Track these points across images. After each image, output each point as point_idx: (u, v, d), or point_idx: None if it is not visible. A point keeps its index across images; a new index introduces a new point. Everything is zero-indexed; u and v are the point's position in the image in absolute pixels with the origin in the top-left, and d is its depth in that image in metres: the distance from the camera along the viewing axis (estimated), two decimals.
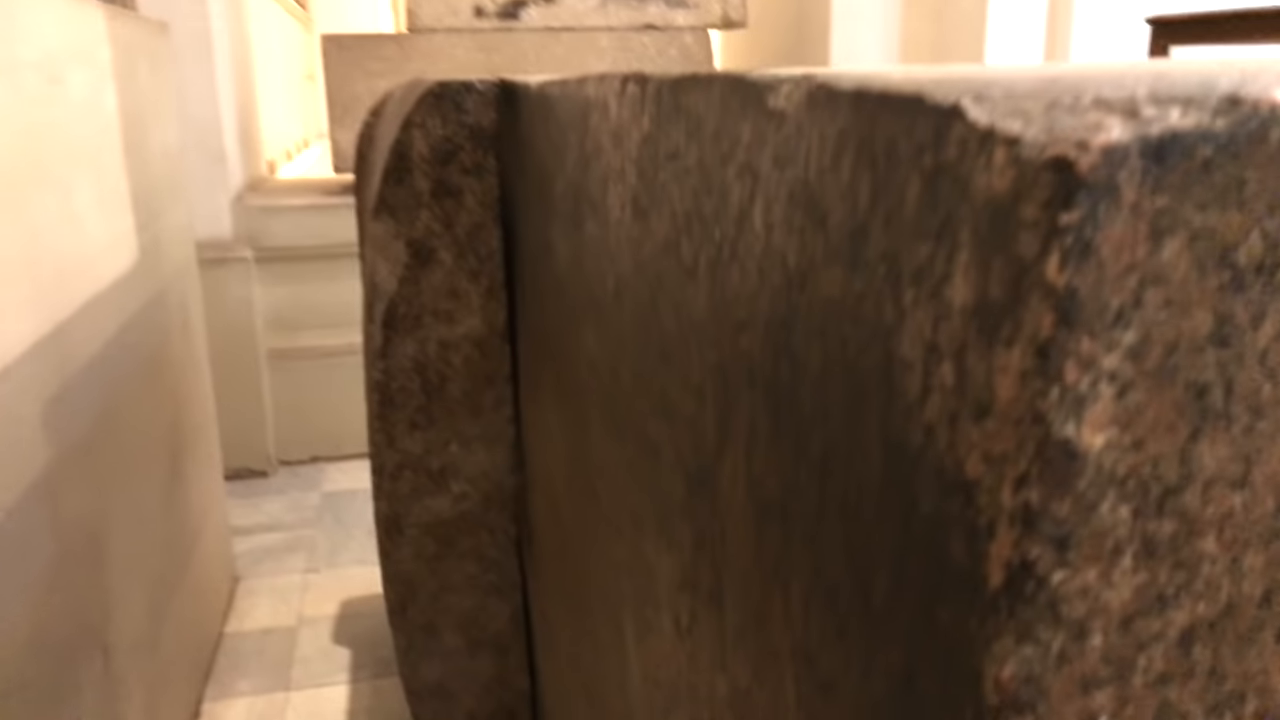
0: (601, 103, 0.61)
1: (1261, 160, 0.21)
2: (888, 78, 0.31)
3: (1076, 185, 0.20)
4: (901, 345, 0.27)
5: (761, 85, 0.37)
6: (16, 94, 1.03)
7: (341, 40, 2.39)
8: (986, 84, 0.27)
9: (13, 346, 0.96)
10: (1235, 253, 0.22)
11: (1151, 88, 0.23)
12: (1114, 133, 0.21)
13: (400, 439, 1.08)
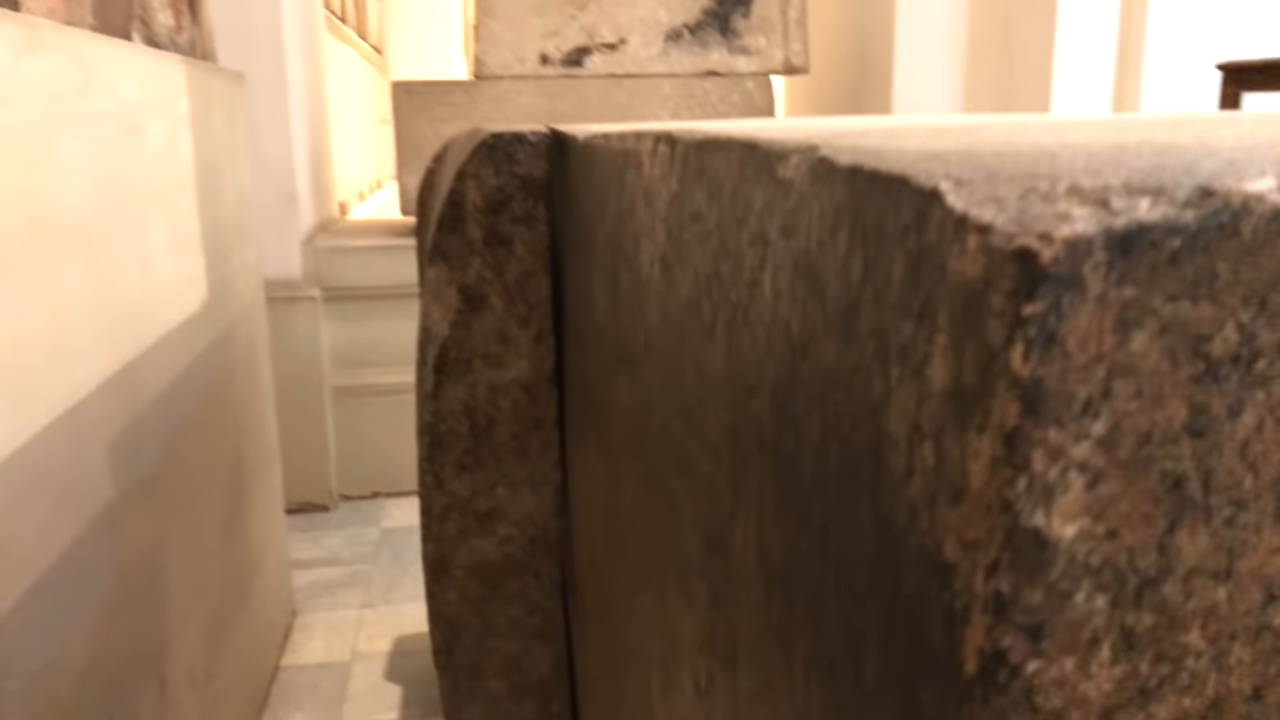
0: (636, 159, 0.62)
1: (1233, 253, 0.21)
2: (883, 152, 0.31)
3: (1040, 277, 0.21)
4: (889, 422, 0.27)
5: (773, 154, 0.38)
6: (96, 144, 1.08)
7: (411, 87, 2.46)
8: (974, 164, 0.27)
9: (83, 384, 1.00)
10: (1209, 344, 0.21)
11: (1128, 176, 0.23)
12: (1078, 225, 0.21)
13: (448, 481, 1.09)
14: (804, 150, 0.36)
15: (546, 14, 2.56)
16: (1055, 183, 0.23)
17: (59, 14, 1.30)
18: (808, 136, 0.44)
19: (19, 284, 0.88)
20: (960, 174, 0.26)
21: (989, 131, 0.44)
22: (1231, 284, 0.21)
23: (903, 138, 0.42)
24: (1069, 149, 0.30)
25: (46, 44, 0.97)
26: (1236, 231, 0.21)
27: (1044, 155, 0.28)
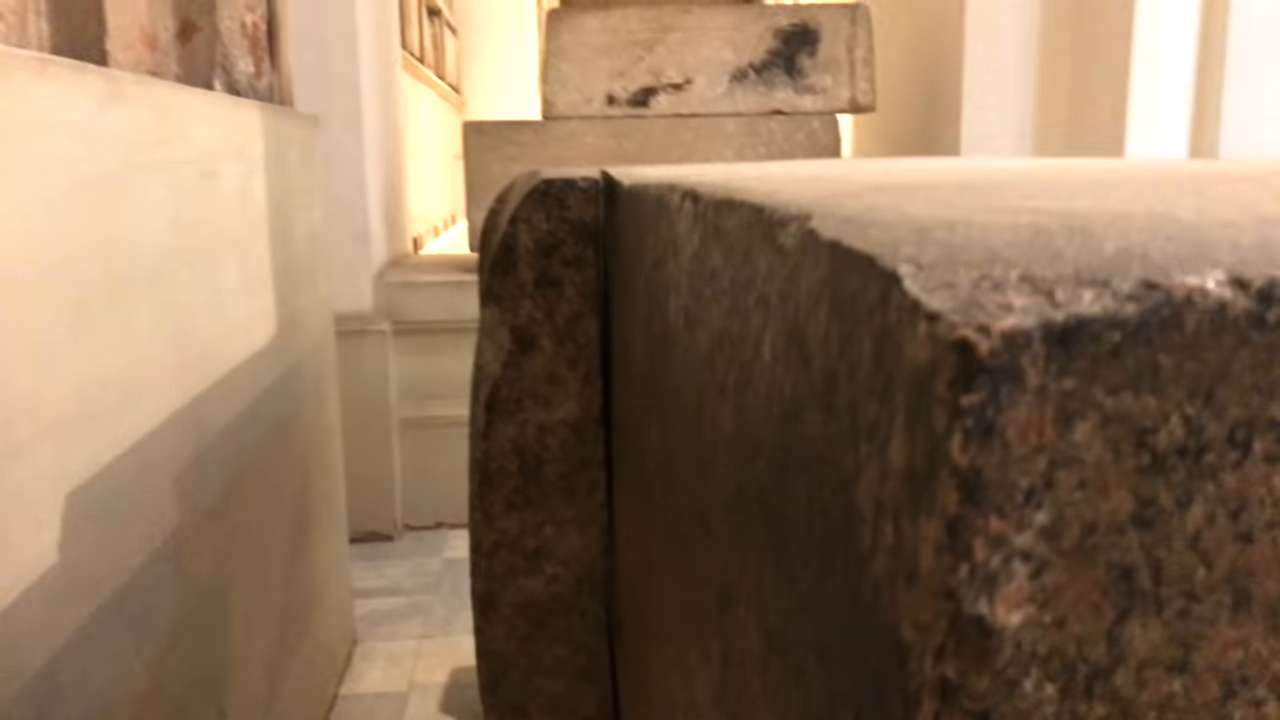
0: (668, 211, 0.63)
1: (1176, 346, 0.21)
2: (870, 224, 0.32)
3: (977, 368, 0.21)
4: (859, 497, 0.27)
5: (775, 220, 0.39)
6: (172, 189, 1.13)
7: (481, 126, 2.52)
8: (947, 242, 0.28)
9: (151, 419, 1.04)
10: (1154, 436, 0.21)
11: (1080, 266, 0.23)
12: (1017, 318, 0.21)
13: (498, 518, 1.11)
14: (800, 219, 0.36)
15: (614, 55, 2.61)
16: (1010, 269, 0.24)
17: (146, 63, 1.37)
18: (816, 198, 0.45)
19: (95, 325, 0.93)
20: (926, 256, 0.26)
21: (1000, 195, 0.44)
22: (1175, 377, 0.21)
23: (914, 202, 0.43)
24: (1043, 230, 0.30)
25: (127, 95, 1.02)
26: (1179, 325, 0.21)
27: (1018, 235, 0.29)
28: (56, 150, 0.87)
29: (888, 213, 0.37)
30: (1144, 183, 0.52)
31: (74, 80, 0.92)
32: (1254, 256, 0.24)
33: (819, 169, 0.90)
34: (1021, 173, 0.71)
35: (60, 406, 0.86)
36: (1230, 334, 0.21)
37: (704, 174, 0.93)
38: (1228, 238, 0.27)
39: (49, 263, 0.85)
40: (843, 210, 0.38)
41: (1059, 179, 0.57)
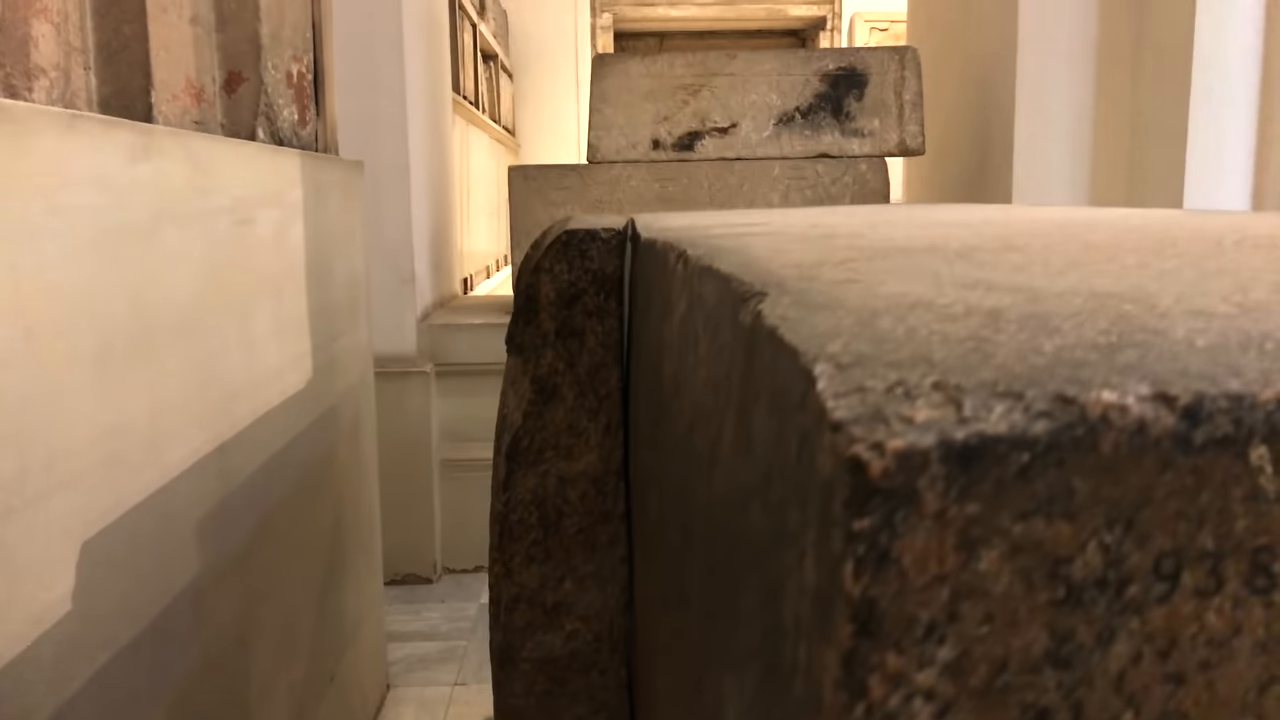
0: (667, 271, 0.62)
1: (1092, 468, 0.19)
2: (816, 313, 0.30)
3: (870, 490, 0.19)
4: (784, 608, 0.26)
5: (739, 295, 0.37)
6: (205, 237, 1.15)
7: (526, 171, 2.55)
8: (878, 336, 0.26)
9: (174, 466, 1.05)
10: (1069, 566, 0.19)
11: (1000, 372, 0.21)
12: (914, 435, 0.19)
13: (517, 571, 1.10)
14: (759, 296, 0.35)
15: (659, 100, 2.62)
16: (929, 374, 0.22)
17: (191, 113, 1.40)
18: (794, 266, 0.43)
19: (119, 374, 0.94)
20: (852, 351, 0.25)
21: (992, 266, 0.42)
22: (1092, 502, 0.19)
23: (892, 274, 0.41)
24: (996, 319, 0.28)
25: (159, 148, 1.04)
26: (1095, 446, 0.19)
27: (967, 323, 0.27)
28: (84, 203, 0.89)
29: (853, 290, 0.36)
30: (1154, 249, 0.50)
31: (105, 134, 0.94)
32: (1202, 362, 0.22)
33: (835, 223, 0.88)
34: (1040, 229, 0.69)
35: (80, 456, 0.87)
36: (1152, 456, 0.19)
37: (719, 224, 0.92)
38: (1188, 333, 0.25)
39: (72, 313, 0.86)
40: (808, 285, 0.37)
41: (1068, 242, 0.55)
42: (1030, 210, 1.17)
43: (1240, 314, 0.28)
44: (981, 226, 0.77)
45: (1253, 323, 0.26)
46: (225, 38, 1.51)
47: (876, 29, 6.68)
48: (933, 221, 0.91)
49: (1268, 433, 0.19)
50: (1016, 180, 2.68)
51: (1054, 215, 1.00)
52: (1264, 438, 0.19)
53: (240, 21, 1.53)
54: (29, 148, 0.81)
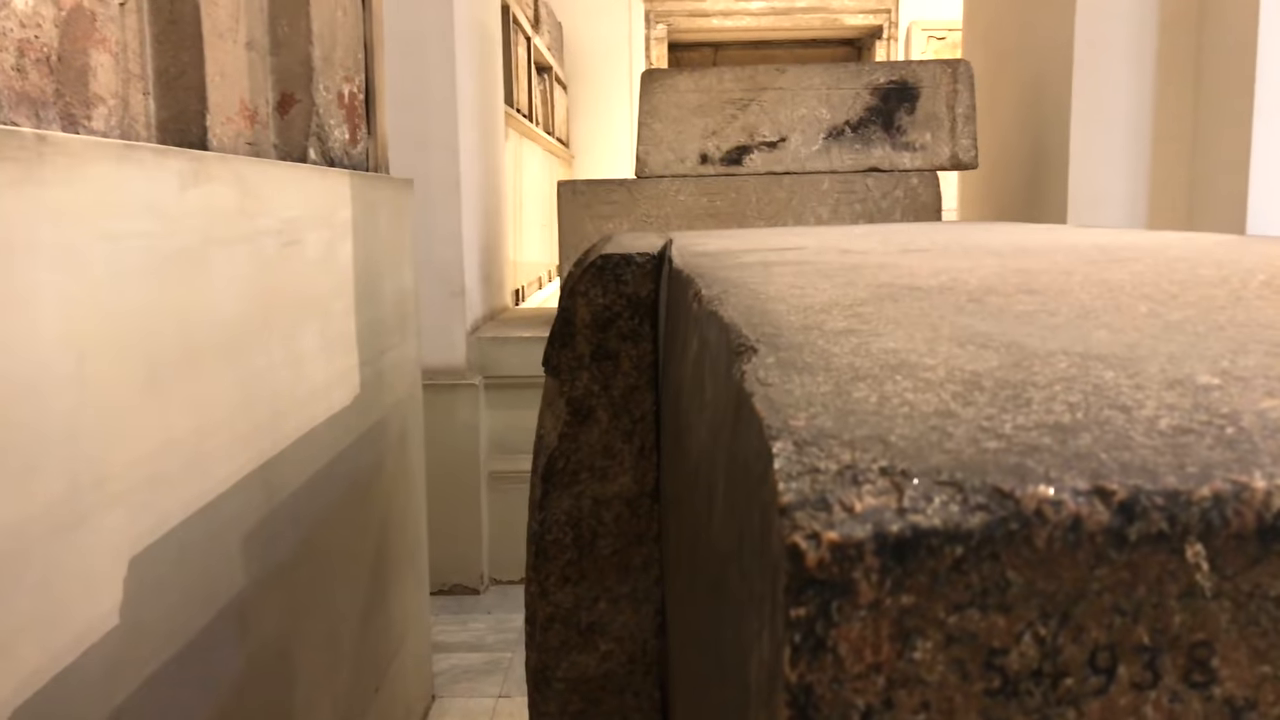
0: (686, 306, 0.62)
1: (1026, 561, 0.19)
2: (797, 375, 0.31)
3: (806, 580, 0.20)
4: (750, 671, 0.26)
5: (733, 348, 0.37)
6: (253, 259, 1.18)
7: (575, 186, 2.57)
8: (847, 407, 0.26)
9: (220, 483, 1.08)
10: (1005, 657, 0.20)
11: (948, 459, 0.22)
12: (851, 526, 0.20)
13: (552, 591, 1.11)
14: (749, 351, 0.35)
15: (708, 114, 2.62)
16: (881, 456, 0.22)
17: (245, 135, 1.44)
18: (799, 311, 0.44)
19: (167, 394, 0.97)
20: (816, 425, 0.25)
21: (1002, 313, 0.42)
22: (1026, 595, 0.20)
23: (895, 323, 0.41)
24: (972, 387, 0.28)
25: (210, 173, 1.08)
26: (1029, 540, 0.19)
27: (942, 392, 0.27)
28: (136, 229, 0.92)
29: (847, 344, 0.36)
30: (1171, 294, 0.49)
31: (157, 163, 0.97)
32: (1153, 450, 0.22)
33: (868, 248, 0.88)
34: (1067, 265, 0.68)
35: (128, 474, 0.90)
36: (1087, 551, 0.19)
37: (753, 248, 0.93)
38: (1156, 411, 0.25)
39: (123, 335, 0.90)
40: (803, 339, 0.37)
41: (1088, 285, 0.55)
42: (1074, 234, 1.15)
43: (1220, 386, 0.28)
44: (1012, 257, 0.76)
45: (1226, 399, 0.26)
46: (279, 61, 1.55)
47: (934, 37, 6.61)
48: (966, 248, 0.90)
49: (1203, 530, 0.19)
50: (1071, 196, 2.64)
51: (1095, 241, 0.98)
52: (1199, 535, 0.19)
53: (293, 45, 1.56)
54: (83, 178, 0.84)
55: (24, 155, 0.76)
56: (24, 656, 0.76)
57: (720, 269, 0.75)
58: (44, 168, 0.79)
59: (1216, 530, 0.19)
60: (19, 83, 0.87)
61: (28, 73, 0.88)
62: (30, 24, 0.89)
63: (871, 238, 1.17)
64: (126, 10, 1.16)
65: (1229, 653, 0.19)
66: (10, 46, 0.86)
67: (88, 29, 1.04)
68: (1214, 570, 0.19)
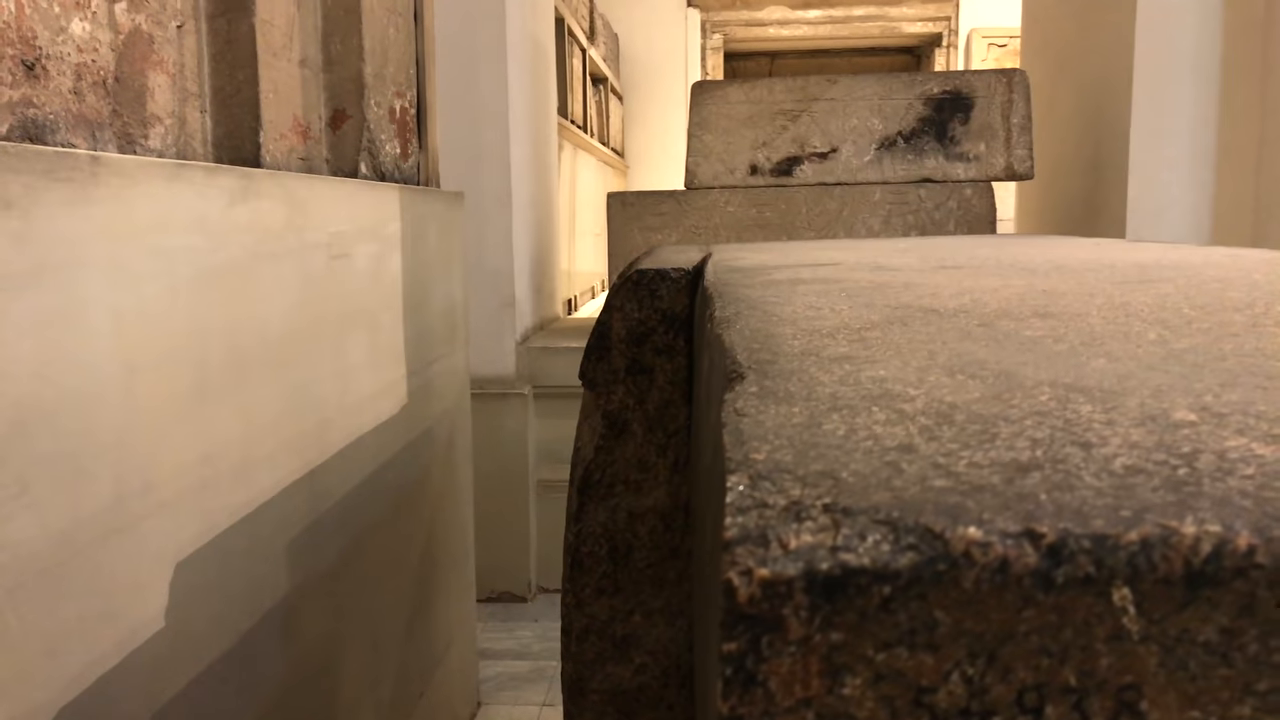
0: (704, 323, 0.63)
1: (954, 602, 0.20)
2: (776, 405, 0.31)
3: (738, 615, 0.20)
4: (710, 699, 0.27)
5: (725, 375, 0.38)
6: (300, 272, 1.21)
7: (624, 197, 2.58)
8: (813, 441, 0.27)
9: (266, 490, 1.11)
10: (933, 695, 0.20)
11: (894, 497, 0.22)
12: (783, 564, 0.20)
13: (588, 603, 1.12)
14: (739, 376, 0.36)
15: (758, 125, 2.62)
16: (825, 494, 0.23)
17: (298, 151, 1.48)
18: (798, 335, 0.44)
19: (214, 404, 1.00)
20: (774, 460, 0.25)
21: (1008, 341, 0.42)
22: (954, 635, 0.20)
23: (895, 349, 0.41)
24: (944, 420, 0.28)
25: (259, 190, 1.11)
26: (956, 581, 0.20)
27: (910, 425, 0.27)
28: (185, 245, 0.95)
29: (836, 373, 0.36)
30: (1187, 321, 0.49)
31: (207, 181, 1.00)
32: (1096, 492, 0.22)
33: (900, 266, 0.87)
34: (1093, 287, 0.67)
35: (175, 482, 0.93)
36: (1014, 592, 0.20)
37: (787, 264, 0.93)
38: (1116, 450, 0.25)
39: (172, 347, 0.93)
40: (796, 366, 0.37)
41: (1107, 309, 0.54)
42: (1119, 250, 1.13)
43: (1192, 423, 0.28)
44: (1043, 277, 0.75)
45: (1193, 436, 0.26)
46: (331, 78, 1.59)
47: (995, 45, 6.52)
48: (1002, 266, 0.90)
49: (1130, 574, 0.19)
50: (1131, 208, 2.58)
51: (1137, 258, 0.97)
52: (1126, 579, 0.19)
53: (345, 62, 1.60)
54: (135, 196, 0.87)
55: (78, 176, 0.79)
56: (72, 658, 0.79)
57: (745, 286, 0.75)
58: (97, 187, 0.82)
59: (1144, 575, 0.19)
60: (76, 105, 0.91)
61: (84, 95, 0.92)
62: (87, 49, 0.93)
63: (911, 253, 1.16)
64: (185, 31, 1.20)
65: (1158, 696, 0.19)
66: (68, 71, 0.89)
67: (145, 51, 1.08)
68: (1141, 614, 0.19)
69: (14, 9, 0.82)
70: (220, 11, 1.28)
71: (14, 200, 0.72)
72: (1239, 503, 0.21)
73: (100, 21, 0.95)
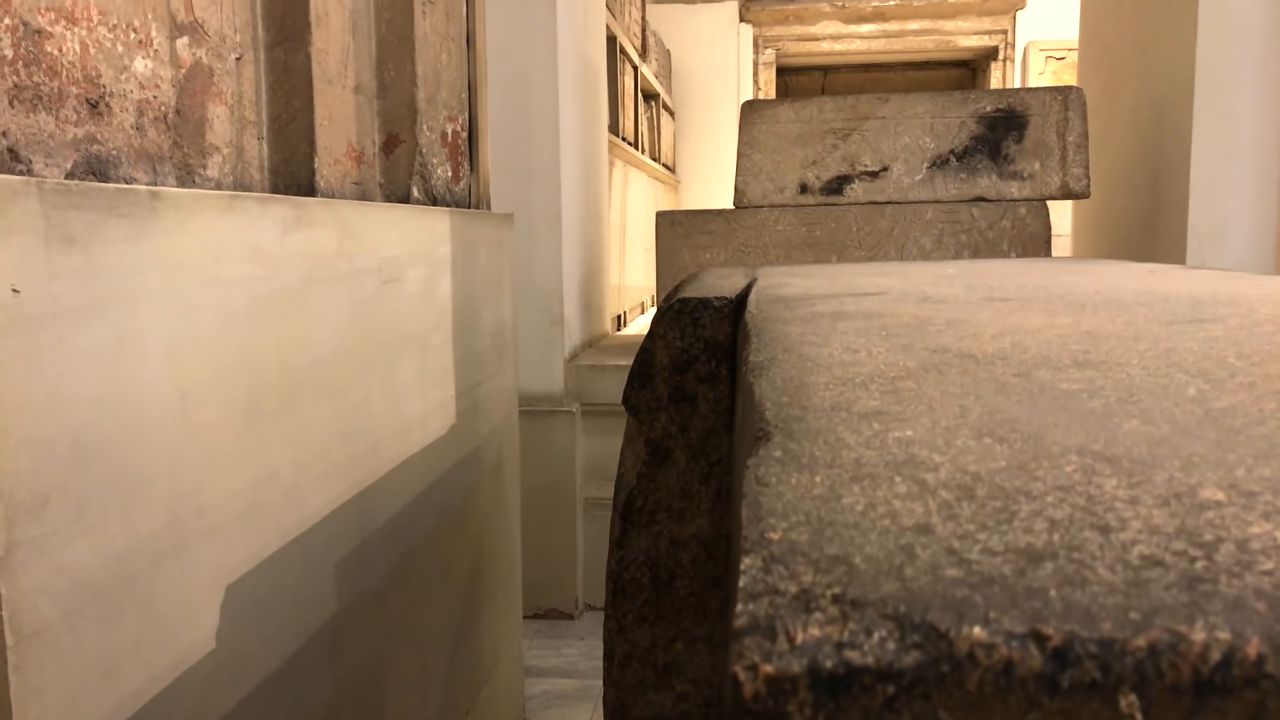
0: (741, 362, 0.63)
1: (958, 703, 0.20)
2: (793, 475, 0.31)
3: (743, 710, 0.21)
4: None
5: (752, 434, 0.38)
6: (351, 297, 1.24)
7: (673, 216, 2.59)
8: (831, 519, 0.27)
9: (315, 513, 1.13)
10: None
11: (904, 589, 0.22)
12: (788, 661, 0.21)
13: (630, 629, 1.12)
14: (765, 436, 0.36)
15: (808, 144, 2.62)
16: (836, 582, 0.23)
17: (352, 175, 1.51)
18: (831, 384, 0.44)
19: (266, 428, 1.02)
20: (788, 542, 0.26)
21: (1044, 394, 0.41)
22: None
23: (929, 409, 0.41)
24: (964, 495, 0.28)
25: (312, 218, 1.13)
26: (960, 682, 0.20)
27: (929, 503, 0.27)
28: (240, 274, 0.98)
29: (864, 433, 0.36)
30: (1229, 375, 0.48)
31: (261, 210, 1.03)
32: (1109, 589, 0.22)
33: (947, 296, 0.86)
34: (1141, 330, 0.66)
35: (227, 505, 0.95)
36: (1018, 695, 0.20)
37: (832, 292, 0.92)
38: (1135, 536, 0.25)
39: (225, 373, 0.95)
40: (824, 424, 0.38)
41: (1149, 358, 0.53)
42: (1173, 279, 1.11)
43: (1219, 504, 0.27)
44: (1090, 313, 0.74)
45: (1218, 521, 0.26)
46: (385, 103, 1.62)
47: (1053, 58, 6.43)
48: (1050, 298, 0.88)
49: (1137, 680, 0.19)
50: (1191, 227, 2.53)
51: (1191, 290, 0.95)
52: (1133, 685, 0.19)
53: (399, 88, 1.63)
54: (192, 229, 0.90)
55: (138, 211, 0.82)
56: (126, 678, 0.81)
57: (785, 322, 0.76)
58: (156, 221, 0.85)
59: (1151, 681, 0.19)
60: (138, 140, 0.94)
61: (146, 131, 0.95)
62: (149, 85, 0.96)
63: (959, 280, 1.15)
64: (243, 62, 1.24)
65: None
66: (130, 108, 0.92)
67: (205, 84, 1.11)
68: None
69: (79, 49, 0.85)
70: (278, 42, 1.31)
71: (77, 236, 0.75)
72: (1253, 605, 0.21)
73: (162, 58, 0.98)
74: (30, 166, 0.80)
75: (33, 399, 0.70)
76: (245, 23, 1.23)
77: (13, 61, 0.78)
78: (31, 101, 0.80)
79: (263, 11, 1.28)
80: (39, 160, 0.81)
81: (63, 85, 0.84)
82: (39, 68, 0.81)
